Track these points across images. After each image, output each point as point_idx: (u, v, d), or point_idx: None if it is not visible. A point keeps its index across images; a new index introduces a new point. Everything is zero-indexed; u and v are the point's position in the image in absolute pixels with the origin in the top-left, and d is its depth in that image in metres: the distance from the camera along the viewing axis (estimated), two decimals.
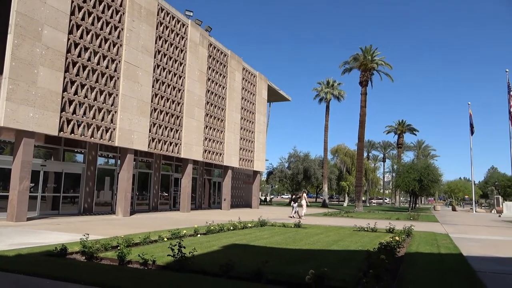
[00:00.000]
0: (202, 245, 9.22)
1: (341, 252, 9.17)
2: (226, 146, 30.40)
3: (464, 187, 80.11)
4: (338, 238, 12.04)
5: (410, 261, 8.00)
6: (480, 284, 6.04)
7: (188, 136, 25.45)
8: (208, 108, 28.12)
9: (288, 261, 7.60)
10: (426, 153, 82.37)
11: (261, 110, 37.34)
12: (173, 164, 27.56)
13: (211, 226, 12.46)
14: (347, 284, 5.57)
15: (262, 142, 37.47)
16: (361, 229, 14.74)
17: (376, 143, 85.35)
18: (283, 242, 10.59)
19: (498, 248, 11.05)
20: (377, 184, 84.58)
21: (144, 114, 21.32)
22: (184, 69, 25.34)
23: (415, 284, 5.84)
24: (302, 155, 52.88)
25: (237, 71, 32.43)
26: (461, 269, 7.30)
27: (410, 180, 40.28)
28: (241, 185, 38.36)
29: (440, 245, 10.86)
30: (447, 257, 8.88)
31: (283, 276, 6.06)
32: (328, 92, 48.80)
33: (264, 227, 15.15)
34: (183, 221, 17.23)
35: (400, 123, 64.55)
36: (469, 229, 18.26)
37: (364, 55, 39.32)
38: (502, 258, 9.11)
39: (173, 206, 27.33)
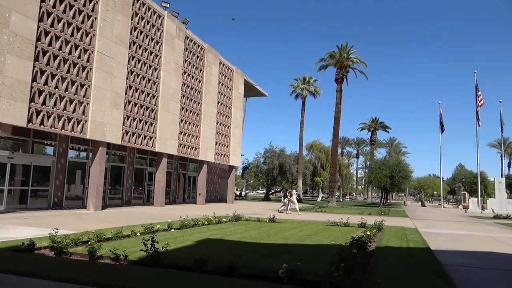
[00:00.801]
0: (176, 240, 9.14)
1: (314, 246, 9.31)
2: (201, 141, 30.18)
3: (433, 183, 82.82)
4: (311, 232, 12.21)
5: (380, 255, 8.21)
6: (446, 276, 6.27)
7: (163, 129, 25.10)
8: (184, 102, 27.80)
9: (262, 255, 7.65)
10: (397, 150, 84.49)
11: (238, 105, 37.25)
12: (147, 158, 27.14)
13: (185, 221, 12.37)
14: (319, 277, 5.66)
15: (238, 137, 37.43)
16: (334, 224, 15.01)
17: (350, 139, 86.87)
18: (257, 236, 10.64)
19: (463, 242, 11.50)
20: (351, 180, 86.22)
21: (118, 107, 20.86)
22: (159, 62, 24.92)
23: (385, 277, 6.00)
24: (278, 150, 53.18)
25: (214, 65, 32.18)
26: (429, 263, 7.55)
27: (382, 176, 41.24)
28: (217, 180, 38.24)
29: (409, 240, 11.19)
30: (415, 251, 9.16)
31: (257, 270, 6.10)
32: (304, 88, 49.19)
33: (238, 221, 15.17)
34: (157, 216, 17.02)
35: (374, 121, 65.88)
36: (437, 224, 18.90)
37: (340, 52, 39.79)
38: (467, 252, 9.48)
39: (146, 201, 26.95)
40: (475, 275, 6.68)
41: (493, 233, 14.86)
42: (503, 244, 11.37)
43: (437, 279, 6.02)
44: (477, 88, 38.79)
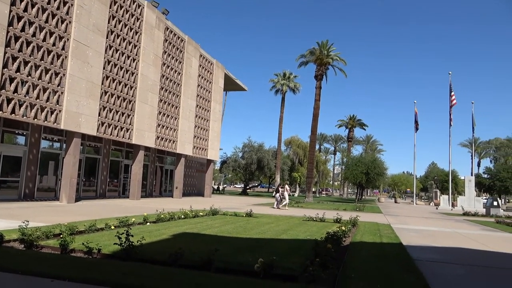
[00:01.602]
0: (151, 234, 9.04)
1: (290, 241, 9.39)
2: (180, 134, 29.88)
3: (406, 181, 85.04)
4: (287, 227, 12.32)
5: (354, 250, 8.37)
6: (417, 271, 6.46)
7: (141, 121, 24.69)
8: (163, 94, 27.41)
9: (238, 249, 7.66)
10: (373, 148, 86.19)
11: (217, 98, 37.03)
12: (123, 150, 26.65)
13: (161, 214, 12.24)
14: (294, 272, 5.71)
15: (217, 131, 37.25)
16: (310, 219, 15.19)
17: (328, 136, 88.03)
18: (234, 231, 10.65)
19: (434, 238, 11.86)
20: (327, 176, 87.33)
21: (94, 97, 20.36)
22: (138, 52, 24.44)
23: (358, 271, 6.13)
24: (257, 145, 53.27)
25: (194, 58, 31.83)
26: (401, 258, 7.75)
27: (358, 172, 42.01)
28: (194, 174, 37.99)
29: (383, 235, 11.46)
30: (388, 246, 9.39)
31: (233, 265, 6.10)
32: (284, 84, 49.36)
33: (215, 216, 15.14)
34: (133, 209, 16.78)
35: (351, 118, 66.87)
36: (409, 220, 19.41)
37: (320, 49, 40.07)
38: (438, 247, 9.79)
39: (122, 194, 26.51)
40: (444, 270, 6.90)
41: (462, 229, 15.40)
42: (471, 240, 11.79)
43: (408, 273, 6.19)
44: (451, 89, 39.90)
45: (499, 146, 79.27)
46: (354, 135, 69.97)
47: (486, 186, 54.67)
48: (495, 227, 17.20)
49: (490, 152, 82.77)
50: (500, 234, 14.30)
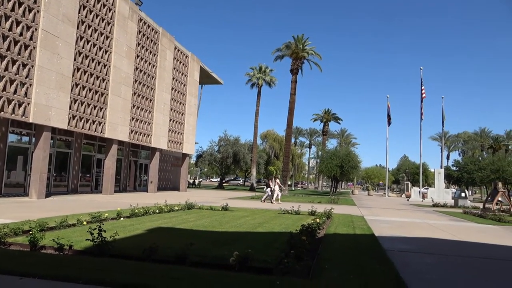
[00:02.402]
0: (125, 229, 8.90)
1: (266, 234, 9.46)
2: (154, 127, 29.44)
3: (379, 173, 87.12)
4: (263, 220, 12.40)
5: (328, 242, 8.52)
6: (388, 261, 6.65)
7: (114, 115, 24.15)
8: (136, 87, 26.88)
9: (213, 243, 7.66)
10: (348, 141, 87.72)
11: (193, 92, 36.66)
12: (96, 144, 26.02)
13: (135, 209, 12.06)
14: (269, 264, 5.77)
15: (192, 124, 36.92)
16: (285, 212, 15.33)
17: (304, 130, 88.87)
18: (210, 225, 10.63)
19: (405, 229, 12.23)
20: (303, 169, 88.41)
21: (64, 89, 19.74)
22: (110, 44, 23.83)
23: (332, 262, 6.25)
24: (232, 139, 53.18)
25: (168, 50, 31.33)
26: (373, 248, 7.96)
27: (332, 166, 42.67)
28: (169, 168, 37.58)
29: (356, 227, 11.72)
30: (361, 237, 9.61)
31: (208, 258, 6.10)
32: (260, 77, 49.36)
33: (191, 210, 15.05)
34: (106, 204, 16.46)
35: (326, 112, 67.71)
36: (382, 212, 19.93)
37: (296, 43, 40.25)
38: (408, 238, 10.11)
39: (95, 188, 25.93)
40: (414, 260, 7.14)
41: (432, 220, 15.94)
42: (440, 230, 12.23)
43: (379, 263, 6.37)
44: (422, 84, 41.01)
45: (467, 140, 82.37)
46: (329, 129, 70.95)
47: (454, 178, 56.73)
48: (462, 217, 17.89)
49: (459, 146, 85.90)
50: (467, 224, 14.90)
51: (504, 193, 23.53)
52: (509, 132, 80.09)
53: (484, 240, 10.30)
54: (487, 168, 47.51)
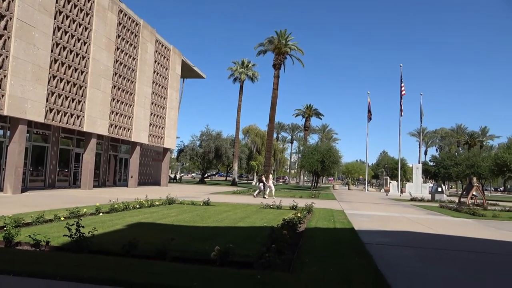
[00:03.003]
0: (104, 224, 8.76)
1: (247, 228, 9.48)
2: (135, 121, 29.00)
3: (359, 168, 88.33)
4: (245, 215, 12.41)
5: (309, 236, 8.61)
6: (367, 253, 6.78)
7: (93, 108, 23.66)
8: (116, 80, 26.38)
9: (195, 238, 7.62)
10: (329, 136, 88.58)
11: (174, 85, 36.24)
12: (74, 138, 25.45)
13: (115, 204, 11.88)
14: (251, 258, 5.79)
15: (173, 118, 36.55)
16: (267, 206, 15.40)
17: (286, 125, 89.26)
18: (191, 220, 10.57)
19: (383, 222, 12.47)
20: (284, 164, 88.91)
21: (41, 81, 19.20)
22: (89, 35, 23.27)
23: (312, 256, 6.31)
24: (214, 133, 52.94)
25: (149, 43, 30.83)
26: (353, 242, 8.08)
27: (313, 161, 43.02)
28: (150, 162, 37.14)
29: (336, 221, 11.87)
30: (341, 231, 9.75)
31: (189, 253, 6.07)
32: (242, 72, 49.21)
33: (172, 205, 14.94)
34: (84, 199, 16.16)
35: (308, 107, 68.10)
36: (361, 206, 20.25)
37: (278, 38, 40.27)
38: (387, 231, 10.31)
39: (73, 183, 25.40)
40: (392, 252, 7.29)
41: (409, 214, 16.30)
42: (418, 224, 12.52)
43: (358, 257, 6.47)
44: (402, 80, 41.70)
45: (444, 136, 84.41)
46: (310, 124, 71.40)
47: (432, 173, 58.13)
48: (439, 211, 18.37)
49: (436, 141, 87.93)
50: (444, 217, 15.31)
51: (479, 188, 24.27)
52: (483, 129, 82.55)
53: (459, 233, 10.60)
54: (463, 164, 48.88)
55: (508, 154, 38.01)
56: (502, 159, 38.32)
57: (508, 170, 37.85)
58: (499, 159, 39.06)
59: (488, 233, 10.97)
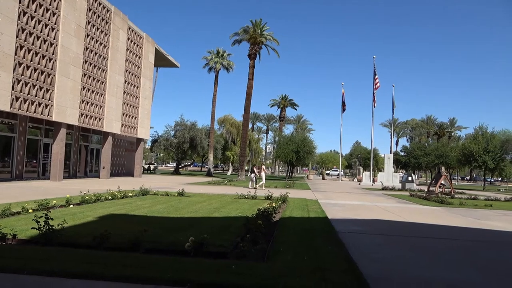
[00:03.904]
0: (74, 216, 8.54)
1: (222, 219, 9.48)
2: (106, 111, 28.28)
3: (333, 158, 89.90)
4: (220, 205, 12.40)
5: (284, 225, 8.70)
6: (340, 242, 6.92)
7: (62, 97, 22.88)
8: (87, 68, 25.57)
9: (169, 229, 7.55)
10: (304, 127, 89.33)
11: (147, 74, 35.50)
12: (42, 127, 24.57)
13: (86, 196, 11.59)
14: (225, 249, 5.79)
15: (147, 108, 35.87)
16: (242, 196, 15.42)
17: (261, 115, 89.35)
18: (165, 211, 10.46)
19: (356, 211, 12.75)
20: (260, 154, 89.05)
21: (6, 68, 18.37)
22: (58, 21, 22.37)
23: (286, 245, 6.38)
24: (189, 124, 52.41)
25: (121, 30, 29.98)
26: (326, 230, 8.22)
27: (288, 151, 43.33)
28: (123, 153, 36.42)
29: (310, 210, 12.04)
30: (315, 220, 9.90)
31: (163, 245, 6.01)
32: (217, 61, 48.73)
33: (146, 196, 14.72)
34: (54, 191, 15.69)
35: (283, 98, 68.31)
36: (335, 195, 20.62)
37: (254, 28, 39.99)
38: (359, 220, 10.55)
39: (42, 175, 24.60)
40: (364, 240, 7.47)
41: (381, 202, 16.74)
42: (388, 212, 12.88)
43: (331, 245, 6.60)
44: (375, 72, 42.42)
45: (415, 126, 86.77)
46: (285, 114, 71.72)
47: (402, 163, 59.69)
48: (409, 200, 18.95)
49: (407, 132, 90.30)
50: (413, 206, 15.81)
51: (447, 177, 25.15)
52: (452, 120, 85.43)
53: (427, 220, 10.99)
54: (432, 154, 50.49)
55: (474, 145, 39.55)
56: (468, 149, 39.85)
57: (474, 160, 39.42)
58: (466, 149, 40.61)
59: (454, 220, 11.41)
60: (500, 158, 39.21)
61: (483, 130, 42.28)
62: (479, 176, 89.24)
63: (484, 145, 39.04)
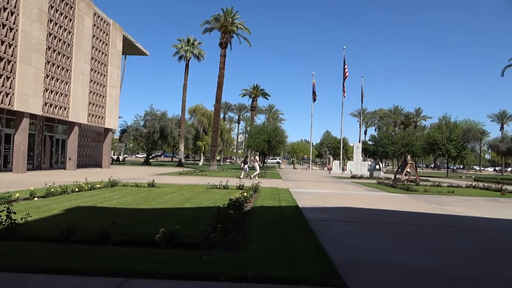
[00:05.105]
0: (39, 210, 8.25)
1: (194, 209, 9.42)
2: (72, 100, 27.30)
3: (304, 148, 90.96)
4: (191, 196, 12.32)
5: (255, 214, 8.76)
6: (309, 230, 7.05)
7: (24, 85, 21.86)
8: (50, 55, 24.50)
9: (139, 221, 7.44)
10: (275, 117, 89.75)
11: (115, 62, 34.46)
12: (3, 117, 23.41)
13: (51, 188, 11.21)
14: (196, 239, 5.77)
15: (115, 97, 34.91)
16: (213, 186, 15.38)
17: (233, 105, 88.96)
18: (135, 202, 10.29)
19: (326, 199, 13.01)
20: (231, 144, 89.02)
21: None
22: (17, 4, 21.25)
23: (258, 234, 6.44)
24: (159, 113, 51.49)
25: (87, 16, 28.85)
26: (297, 219, 8.35)
27: (260, 141, 43.56)
28: (91, 144, 35.38)
29: (281, 199, 12.18)
30: (286, 209, 10.03)
31: (133, 237, 5.91)
32: (188, 50, 47.92)
33: (114, 187, 14.41)
34: (17, 183, 15.08)
35: (255, 88, 68.25)
36: (306, 184, 20.93)
37: (225, 16, 39.54)
38: (329, 208, 10.78)
39: (4, 167, 23.53)
40: (333, 228, 7.65)
41: (350, 190, 17.16)
42: (357, 200, 13.22)
43: (302, 233, 6.71)
44: (345, 62, 43.07)
45: (383, 116, 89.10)
46: (257, 104, 71.76)
47: (371, 152, 61.32)
48: (376, 187, 19.52)
49: (375, 122, 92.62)
50: (380, 193, 16.30)
51: (412, 165, 26.07)
52: (418, 110, 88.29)
53: (394, 207, 11.37)
54: (399, 143, 52.12)
55: (438, 134, 41.14)
56: (433, 138, 41.42)
57: (438, 149, 41.05)
58: (430, 138, 42.19)
59: (419, 206, 11.87)
60: (462, 146, 41.01)
61: (446, 120, 44.00)
62: (442, 164, 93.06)
63: (447, 134, 40.67)
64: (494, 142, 48.21)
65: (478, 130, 45.58)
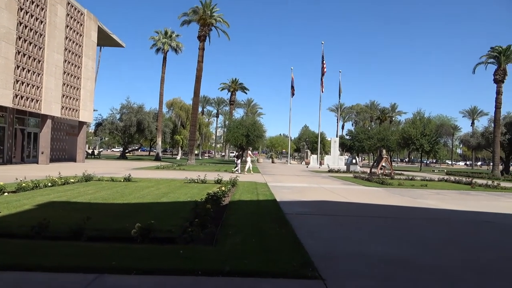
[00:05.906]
0: (9, 205, 7.98)
1: (171, 204, 9.34)
2: (44, 92, 26.44)
3: (282, 142, 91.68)
4: (168, 190, 12.20)
5: (233, 208, 8.76)
6: (286, 223, 7.11)
7: None
8: (21, 45, 23.61)
9: (114, 216, 7.31)
10: (254, 111, 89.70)
11: (90, 54, 33.55)
12: None
13: (23, 183, 10.86)
14: (173, 234, 5.73)
15: (90, 90, 34.03)
16: (191, 181, 15.28)
17: (211, 99, 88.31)
18: (110, 197, 10.10)
19: (303, 193, 13.15)
20: (210, 138, 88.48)
21: None
22: None
23: (235, 228, 6.44)
24: (136, 106, 50.58)
25: (59, 5, 27.92)
26: (274, 213, 8.41)
27: (239, 135, 43.45)
28: (64, 137, 34.43)
29: (259, 193, 12.22)
30: (264, 203, 10.07)
31: (108, 232, 5.80)
32: (165, 42, 47.16)
33: (89, 182, 14.09)
34: None
35: (234, 81, 67.93)
36: (284, 178, 21.08)
37: (203, 9, 39.07)
38: (306, 201, 10.90)
39: None
40: (310, 221, 7.74)
41: (327, 184, 17.39)
42: (334, 193, 13.42)
43: (279, 226, 6.77)
44: (323, 57, 43.40)
45: (360, 111, 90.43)
46: (236, 98, 71.46)
47: (348, 146, 62.15)
48: (353, 181, 19.86)
49: (352, 116, 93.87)
50: (356, 187, 16.60)
51: (387, 159, 26.64)
52: (393, 105, 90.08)
53: (369, 201, 11.61)
54: (375, 137, 53.07)
55: (412, 129, 42.15)
56: (407, 133, 42.42)
57: (412, 143, 42.07)
58: (405, 133, 43.18)
59: (394, 200, 12.16)
60: (435, 141, 42.19)
61: (420, 115, 45.12)
62: (416, 158, 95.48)
63: (421, 129, 41.72)
64: (465, 137, 49.77)
65: (451, 126, 47.03)
